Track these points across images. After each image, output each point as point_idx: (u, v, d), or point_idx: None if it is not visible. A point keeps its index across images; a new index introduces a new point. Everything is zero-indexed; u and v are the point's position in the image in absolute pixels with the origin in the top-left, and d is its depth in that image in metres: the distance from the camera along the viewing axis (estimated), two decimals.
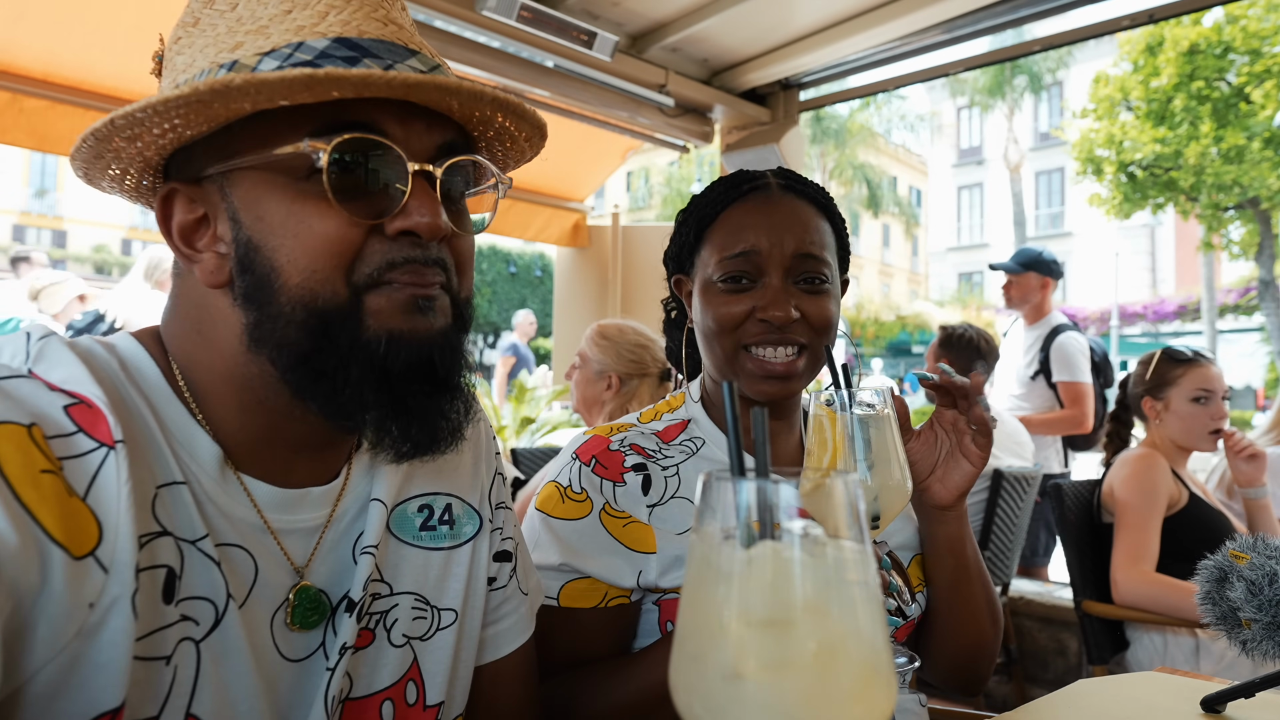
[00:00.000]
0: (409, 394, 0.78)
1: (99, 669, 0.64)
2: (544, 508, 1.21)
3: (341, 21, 0.75)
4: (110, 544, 0.65)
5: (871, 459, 1.02)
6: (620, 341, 2.82)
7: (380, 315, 0.76)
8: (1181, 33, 16.59)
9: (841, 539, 0.54)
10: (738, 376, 1.22)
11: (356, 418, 0.78)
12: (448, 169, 0.79)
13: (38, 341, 0.73)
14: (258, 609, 0.79)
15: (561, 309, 5.67)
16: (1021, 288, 4.35)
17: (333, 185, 0.73)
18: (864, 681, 0.53)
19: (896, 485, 1.04)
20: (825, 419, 1.04)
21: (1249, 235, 19.00)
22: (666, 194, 31.01)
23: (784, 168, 1.31)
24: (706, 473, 0.56)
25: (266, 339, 0.75)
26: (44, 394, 0.69)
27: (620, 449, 1.22)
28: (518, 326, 9.86)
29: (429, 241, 0.78)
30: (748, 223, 1.21)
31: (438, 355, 0.79)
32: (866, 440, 1.03)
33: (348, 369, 0.75)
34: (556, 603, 1.16)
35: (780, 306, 1.17)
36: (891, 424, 1.04)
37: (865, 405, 1.04)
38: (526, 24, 3.34)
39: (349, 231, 0.74)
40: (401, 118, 0.76)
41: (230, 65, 0.73)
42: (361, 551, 0.86)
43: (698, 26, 3.81)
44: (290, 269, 0.74)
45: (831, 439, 1.03)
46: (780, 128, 4.45)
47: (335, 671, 0.81)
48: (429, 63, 0.79)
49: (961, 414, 1.20)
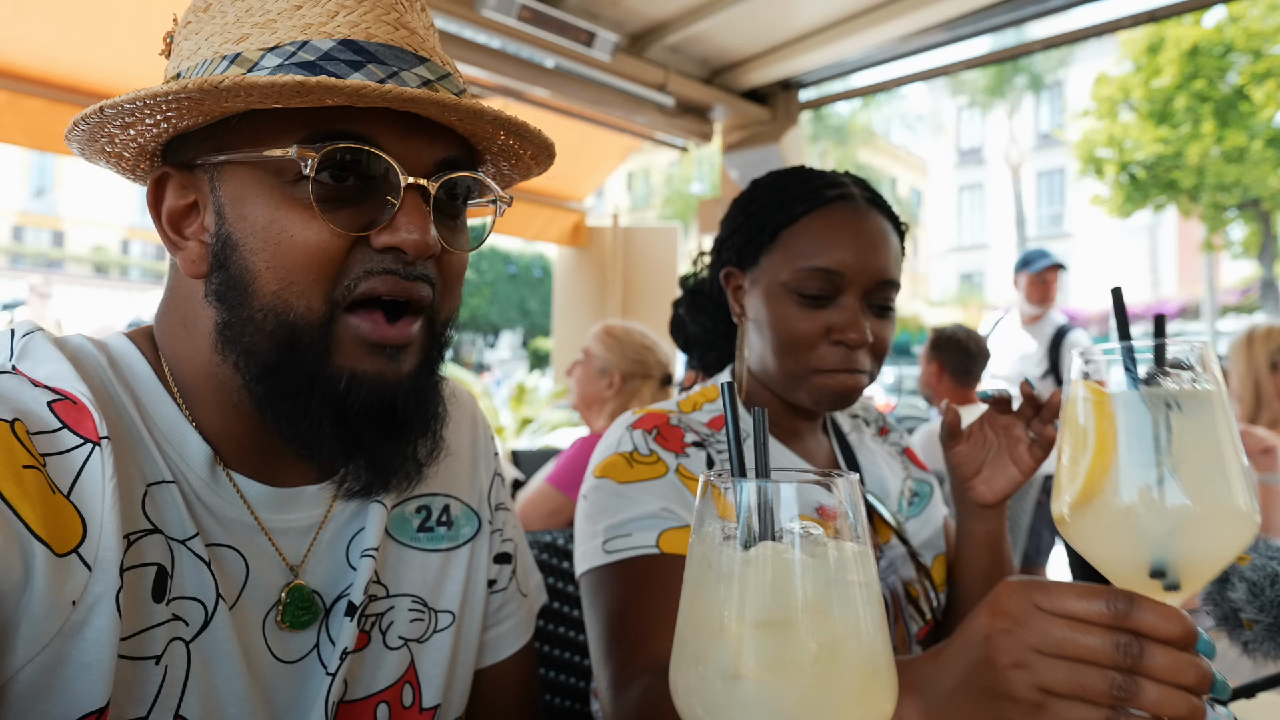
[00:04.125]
0: (365, 437, 0.76)
1: (83, 669, 0.63)
2: (610, 475, 1.14)
3: (350, 23, 0.73)
4: (94, 541, 0.64)
5: (1180, 465, 0.64)
6: (626, 341, 2.85)
7: (346, 351, 0.74)
8: (1183, 32, 16.59)
9: (844, 540, 0.54)
10: (800, 390, 1.20)
11: (312, 446, 0.76)
12: (446, 184, 0.77)
13: (22, 338, 0.73)
14: (249, 610, 0.78)
15: (561, 309, 5.68)
16: (1053, 286, 4.38)
17: (318, 195, 0.71)
18: (864, 682, 0.53)
19: (1228, 512, 0.63)
20: (1087, 401, 0.69)
21: (1250, 235, 19.02)
22: (666, 194, 31.00)
23: (853, 174, 1.28)
24: (705, 473, 0.56)
25: (234, 342, 0.74)
26: (28, 390, 0.68)
27: (679, 426, 1.19)
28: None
29: (415, 259, 0.75)
30: (835, 237, 1.17)
31: (400, 400, 0.77)
32: (1167, 434, 0.64)
33: (309, 397, 0.74)
34: (657, 549, 1.07)
35: (858, 329, 1.15)
36: (1223, 407, 0.65)
37: (1172, 372, 0.66)
38: (526, 24, 3.34)
39: (331, 243, 0.72)
40: (401, 130, 0.74)
41: (233, 58, 0.72)
42: (362, 554, 0.85)
43: (698, 26, 3.81)
44: (267, 275, 0.72)
45: (1097, 431, 0.67)
46: (780, 127, 4.45)
47: (336, 677, 0.80)
48: (438, 71, 0.77)
49: (1027, 427, 1.17)
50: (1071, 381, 0.72)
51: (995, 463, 1.19)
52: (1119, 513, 0.65)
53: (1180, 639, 0.58)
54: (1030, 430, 1.17)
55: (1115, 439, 0.66)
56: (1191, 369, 0.66)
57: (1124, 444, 0.66)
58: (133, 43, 2.93)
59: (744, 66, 4.30)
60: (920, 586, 1.27)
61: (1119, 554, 0.67)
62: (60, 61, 3.03)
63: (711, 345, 1.39)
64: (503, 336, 25.50)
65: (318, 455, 0.78)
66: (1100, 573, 0.71)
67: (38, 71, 2.99)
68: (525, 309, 27.66)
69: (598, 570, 1.10)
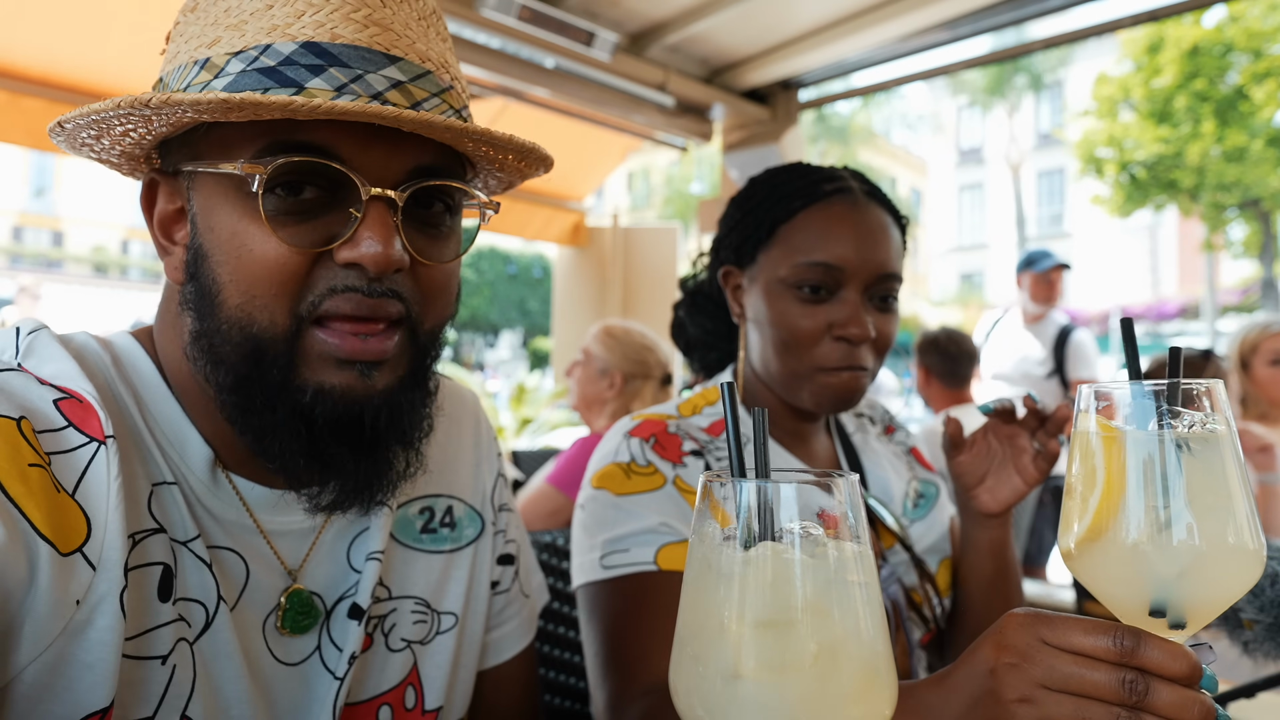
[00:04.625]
0: (332, 452, 0.74)
1: (86, 668, 0.63)
2: (607, 486, 1.12)
3: (315, 23, 0.70)
4: (98, 540, 0.64)
5: (1189, 506, 0.65)
6: (627, 342, 2.84)
7: (312, 365, 0.72)
8: (1183, 32, 16.58)
9: (844, 541, 0.54)
10: (802, 390, 1.18)
11: (282, 460, 0.74)
12: (419, 193, 0.73)
13: (28, 336, 0.72)
14: (249, 612, 0.77)
15: (561, 309, 5.67)
16: (1058, 285, 4.38)
17: (269, 211, 0.69)
18: (864, 682, 0.53)
19: (1234, 551, 0.64)
20: (1099, 438, 0.69)
21: (1251, 235, 19.01)
22: (666, 194, 30.98)
23: (852, 168, 1.26)
24: (705, 474, 0.56)
25: (204, 352, 0.73)
26: (34, 388, 0.68)
27: (678, 434, 1.17)
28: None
29: (378, 275, 0.72)
30: (833, 231, 1.16)
31: (370, 415, 0.73)
32: (1177, 474, 0.65)
33: (274, 411, 0.72)
34: (655, 566, 1.06)
35: (859, 324, 1.13)
36: (1232, 448, 0.67)
37: (1183, 411, 0.66)
38: (526, 24, 3.33)
39: (289, 259, 0.70)
40: (362, 139, 0.70)
41: (203, 63, 0.71)
42: (368, 557, 0.84)
43: (698, 26, 3.81)
44: (231, 288, 0.70)
45: (1106, 469, 0.68)
46: (780, 127, 4.45)
47: (343, 682, 0.79)
48: (412, 70, 0.72)
49: (1031, 437, 1.16)
50: (1082, 413, 0.72)
51: (999, 472, 1.17)
52: (1127, 551, 0.66)
53: (1185, 677, 0.59)
54: (1035, 441, 1.15)
55: (1125, 478, 0.67)
56: (1203, 409, 0.67)
57: (1133, 483, 0.66)
58: (133, 43, 2.93)
59: (744, 66, 4.30)
60: (923, 592, 1.26)
61: (1126, 592, 0.68)
62: (60, 61, 3.03)
63: (712, 347, 1.38)
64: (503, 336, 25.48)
65: (287, 470, 0.75)
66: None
67: (38, 71, 2.99)
68: (525, 309, 27.66)
69: (596, 585, 1.09)
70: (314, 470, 0.75)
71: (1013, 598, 1.25)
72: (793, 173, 1.24)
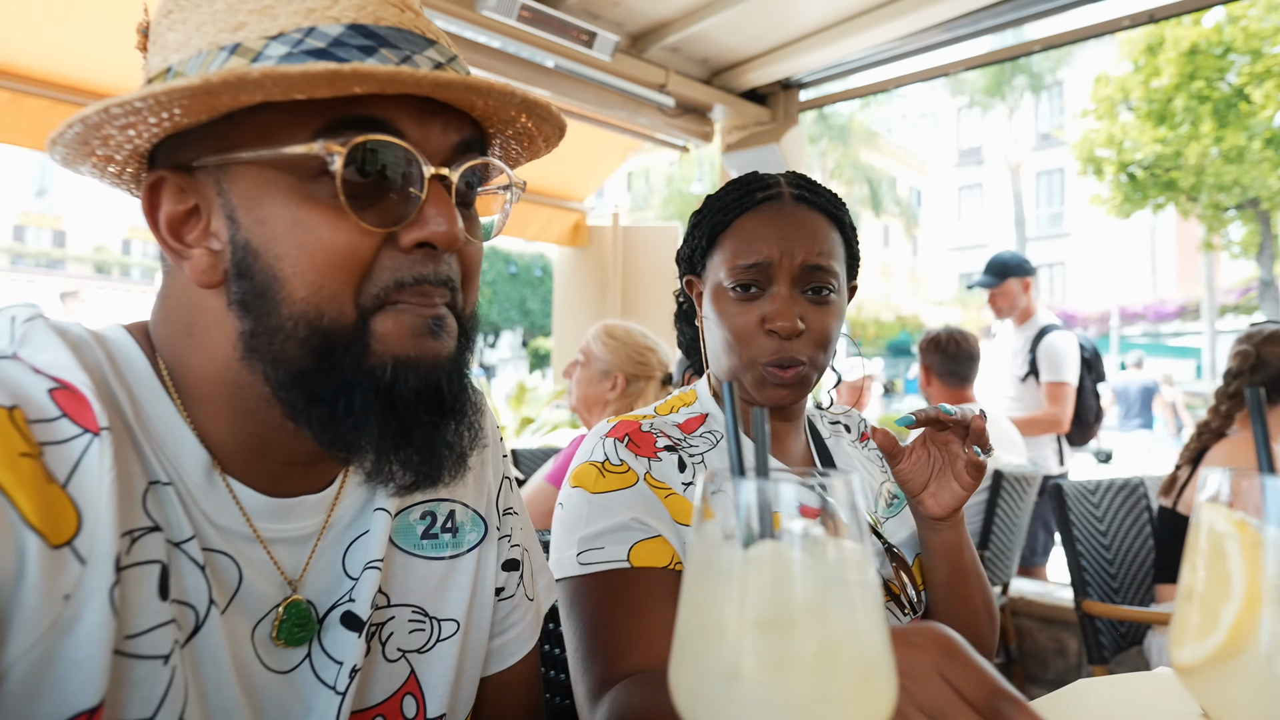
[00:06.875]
0: (415, 424, 0.72)
1: (74, 666, 0.60)
2: (583, 484, 1.18)
3: (356, 6, 0.69)
4: (89, 534, 0.62)
5: None
6: (628, 343, 2.80)
7: (387, 340, 0.70)
8: (1182, 33, 16.59)
9: (844, 540, 0.54)
10: (748, 385, 1.24)
11: (354, 447, 0.72)
12: (465, 173, 0.73)
13: (23, 324, 0.69)
14: (239, 618, 0.75)
15: (561, 309, 5.67)
16: (1006, 296, 4.35)
17: (347, 191, 0.67)
18: (864, 682, 0.53)
19: None
20: (1233, 541, 0.60)
21: (1249, 235, 19.03)
22: (666, 194, 30.99)
23: (797, 173, 1.33)
24: (705, 474, 0.56)
25: (262, 351, 0.70)
26: (28, 376, 0.65)
27: (651, 431, 1.24)
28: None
29: (444, 253, 0.72)
30: (760, 234, 1.23)
31: (445, 382, 0.73)
32: None
33: (350, 396, 0.69)
34: (628, 563, 1.11)
35: (786, 317, 1.19)
36: None
37: None
38: (526, 24, 3.34)
39: (361, 243, 0.68)
40: (419, 115, 0.70)
41: (233, 48, 0.68)
42: (366, 565, 0.81)
43: (698, 26, 3.81)
44: (295, 281, 0.68)
45: (1247, 578, 0.59)
46: (780, 127, 4.46)
47: (345, 696, 0.77)
48: (447, 53, 0.73)
49: (963, 445, 1.20)
50: (1204, 504, 0.62)
51: (940, 478, 1.23)
52: (1274, 679, 0.59)
53: None
54: (966, 456, 1.20)
55: (1275, 590, 0.58)
56: None
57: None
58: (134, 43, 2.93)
59: (744, 66, 4.30)
60: (899, 582, 1.29)
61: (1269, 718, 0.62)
62: (62, 62, 3.03)
63: (693, 351, 1.45)
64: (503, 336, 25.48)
65: (362, 456, 0.73)
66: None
67: (40, 72, 2.99)
68: (525, 309, 27.65)
69: (573, 580, 1.14)
70: (392, 449, 0.73)
71: (972, 599, 1.29)
72: (735, 185, 1.32)
